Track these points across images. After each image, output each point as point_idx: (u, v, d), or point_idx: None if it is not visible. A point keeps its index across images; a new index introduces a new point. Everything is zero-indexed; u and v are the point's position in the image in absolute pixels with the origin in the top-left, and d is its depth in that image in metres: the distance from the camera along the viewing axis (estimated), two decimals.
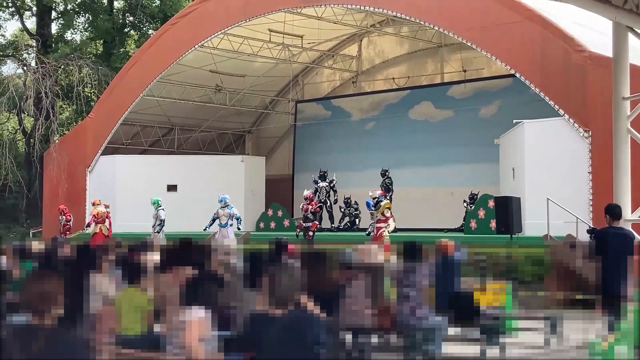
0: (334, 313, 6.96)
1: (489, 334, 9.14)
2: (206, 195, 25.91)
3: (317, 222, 21.98)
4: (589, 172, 19.06)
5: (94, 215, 23.03)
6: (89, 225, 23.58)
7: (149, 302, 5.85)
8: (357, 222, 27.14)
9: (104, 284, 5.76)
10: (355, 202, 27.04)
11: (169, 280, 6.30)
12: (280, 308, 4.64)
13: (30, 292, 4.14)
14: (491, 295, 10.06)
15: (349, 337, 7.73)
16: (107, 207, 23.54)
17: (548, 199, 18.22)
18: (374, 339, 8.11)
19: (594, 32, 19.09)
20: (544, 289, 13.46)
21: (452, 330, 9.07)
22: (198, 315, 4.41)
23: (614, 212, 9.82)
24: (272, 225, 28.05)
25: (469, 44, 22.01)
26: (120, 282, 6.34)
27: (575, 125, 19.29)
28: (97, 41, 41.58)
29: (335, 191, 27.31)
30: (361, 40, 32.07)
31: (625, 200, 13.45)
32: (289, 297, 4.65)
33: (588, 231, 11.34)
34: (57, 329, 4.19)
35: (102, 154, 29.65)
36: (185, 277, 6.26)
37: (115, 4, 41.96)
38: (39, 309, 4.10)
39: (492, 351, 9.10)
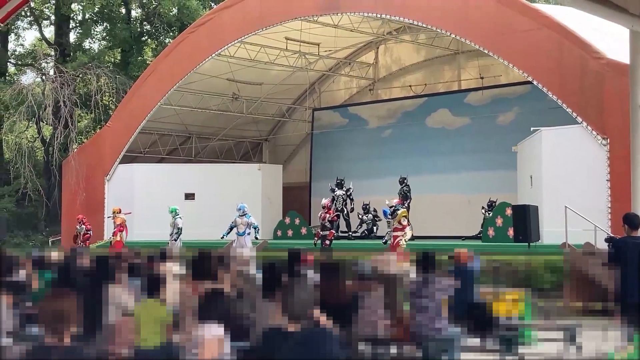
0: (349, 324, 6.96)
1: (507, 344, 9.12)
2: (224, 204, 25.98)
3: (334, 231, 21.98)
4: (607, 180, 18.97)
5: (120, 225, 23.17)
6: (114, 234, 23.60)
7: (169, 314, 5.88)
8: (374, 230, 27.13)
9: (122, 295, 5.79)
10: (374, 209, 27.03)
11: (188, 291, 6.33)
12: (295, 322, 4.66)
13: (48, 308, 4.17)
14: (509, 305, 10.04)
15: (365, 348, 7.72)
16: (127, 213, 23.77)
17: (566, 206, 18.14)
18: (392, 350, 8.10)
19: (612, 38, 19.03)
20: (562, 298, 13.42)
21: (469, 341, 9.05)
22: (214, 333, 4.42)
23: (632, 221, 9.77)
24: (290, 233, 28.08)
25: (486, 51, 22.00)
26: (139, 294, 6.37)
27: (593, 132, 19.22)
28: (115, 50, 41.86)
29: (352, 199, 27.31)
30: (378, 48, 32.10)
31: None
32: (304, 311, 4.67)
33: (606, 240, 11.29)
34: (75, 343, 4.23)
35: (120, 163, 29.82)
36: (205, 288, 6.29)
37: (133, 12, 42.26)
38: (57, 326, 4.13)
39: None
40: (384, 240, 20.01)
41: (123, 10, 41.28)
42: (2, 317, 6.06)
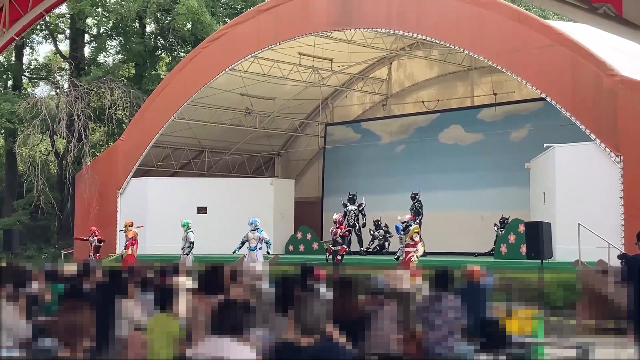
0: (361, 340, 6.93)
1: None
2: (236, 218, 26.00)
3: (345, 246, 21.93)
4: (620, 197, 18.90)
5: (132, 238, 23.18)
6: (126, 247, 23.58)
7: (180, 328, 5.88)
8: (386, 246, 27.07)
9: (134, 310, 5.79)
10: (386, 224, 26.98)
11: (200, 305, 6.32)
12: (307, 336, 4.64)
13: (61, 321, 4.18)
14: (522, 322, 9.98)
15: None
16: (139, 227, 23.80)
17: (579, 224, 18.07)
18: None
19: (628, 56, 19.00)
20: (575, 316, 13.33)
21: (481, 358, 8.98)
22: (250, 358, 4.38)
23: None
24: (301, 248, 28.05)
25: (499, 68, 21.99)
26: (151, 308, 6.37)
27: (607, 149, 19.16)
28: (129, 64, 42.05)
29: (364, 215, 27.28)
30: (391, 63, 32.14)
31: None
32: (315, 326, 4.65)
33: (619, 257, 11.24)
34: (88, 356, 4.23)
35: (133, 176, 29.90)
36: (218, 302, 6.27)
37: (147, 27, 42.46)
38: (70, 339, 4.13)
39: None
40: (396, 256, 19.95)
41: (137, 25, 41.50)
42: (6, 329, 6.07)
